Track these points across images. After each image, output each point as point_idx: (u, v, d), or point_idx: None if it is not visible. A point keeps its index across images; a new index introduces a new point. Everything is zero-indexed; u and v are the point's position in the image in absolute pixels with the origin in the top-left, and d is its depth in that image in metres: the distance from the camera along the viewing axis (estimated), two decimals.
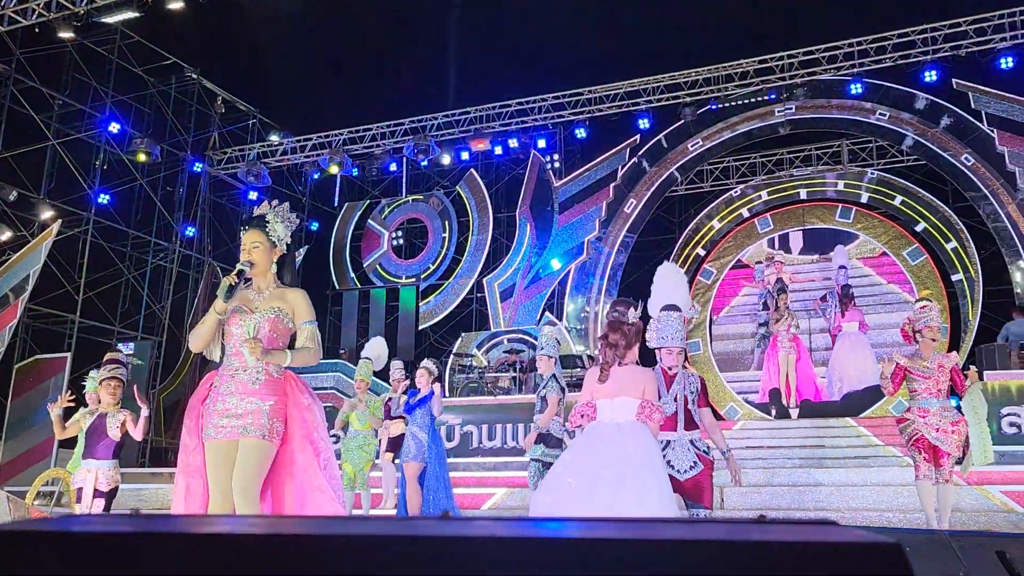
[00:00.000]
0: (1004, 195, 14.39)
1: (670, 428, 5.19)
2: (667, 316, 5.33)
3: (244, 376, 3.97)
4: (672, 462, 5.11)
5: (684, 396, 5.30)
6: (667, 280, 5.67)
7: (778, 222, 17.61)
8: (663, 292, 5.53)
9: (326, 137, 18.03)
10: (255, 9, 13.76)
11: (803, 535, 0.45)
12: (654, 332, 5.38)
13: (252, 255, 4.13)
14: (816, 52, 14.89)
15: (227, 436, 3.90)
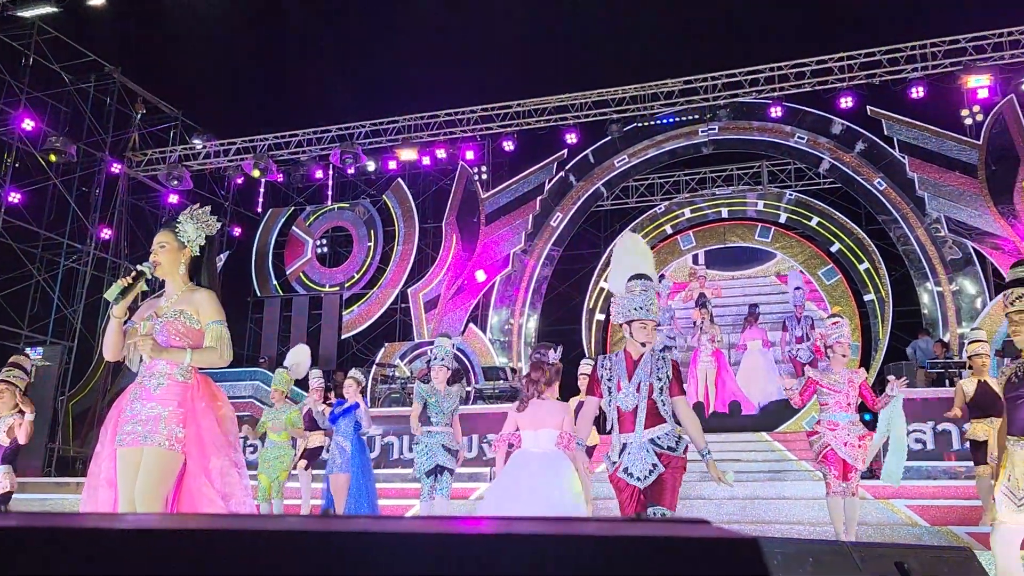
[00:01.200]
0: (913, 219, 14.96)
1: (628, 428, 4.52)
2: (639, 285, 4.63)
3: (149, 382, 3.87)
4: (630, 468, 4.47)
5: (650, 384, 4.52)
6: (632, 251, 4.96)
7: (700, 239, 18.00)
8: (629, 263, 4.80)
9: (251, 141, 17.75)
10: (179, 9, 13.48)
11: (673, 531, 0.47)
12: (621, 306, 4.64)
13: (157, 255, 4.02)
14: (739, 75, 15.28)
15: (131, 443, 3.79)
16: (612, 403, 4.59)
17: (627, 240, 5.15)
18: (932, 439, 10.39)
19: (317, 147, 17.44)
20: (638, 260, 4.83)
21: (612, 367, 4.63)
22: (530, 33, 17.21)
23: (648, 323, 4.59)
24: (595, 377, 4.71)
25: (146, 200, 18.69)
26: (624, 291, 4.64)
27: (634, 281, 4.63)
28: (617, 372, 4.59)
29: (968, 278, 14.53)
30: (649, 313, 4.58)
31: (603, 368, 4.68)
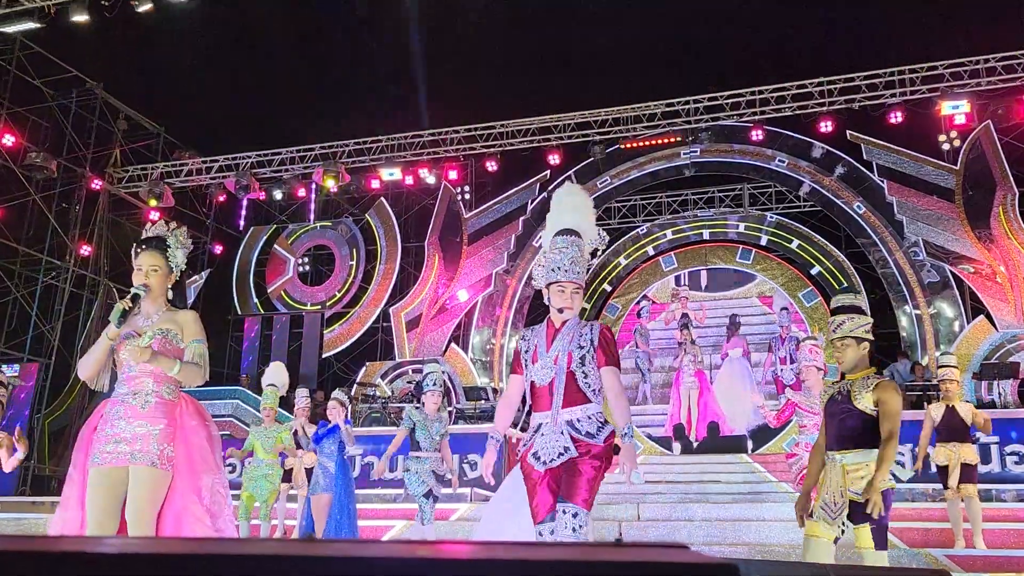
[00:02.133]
0: (892, 243, 15.11)
1: (543, 406, 3.89)
2: (562, 242, 3.99)
3: (134, 400, 3.85)
4: (538, 452, 3.85)
5: (568, 354, 3.87)
6: (567, 202, 4.20)
7: (682, 261, 18.08)
8: (558, 218, 4.13)
9: (233, 159, 17.70)
10: (163, 25, 13.47)
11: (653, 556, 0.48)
12: (542, 266, 4.07)
13: (149, 279, 4.02)
14: (720, 98, 15.41)
15: (113, 462, 3.76)
16: (527, 378, 4.00)
17: (565, 190, 4.27)
18: (910, 462, 10.43)
19: (300, 165, 17.41)
20: (568, 213, 4.11)
21: (531, 339, 4.02)
22: (513, 54, 17.32)
23: (566, 286, 3.90)
24: (516, 352, 4.12)
25: (127, 217, 18.57)
26: (549, 249, 4.02)
27: (559, 237, 3.99)
28: (535, 343, 3.97)
29: (946, 301, 14.67)
30: (568, 274, 3.90)
31: (523, 341, 4.08)
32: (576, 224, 4.04)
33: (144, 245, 4.08)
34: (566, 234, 3.99)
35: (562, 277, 3.92)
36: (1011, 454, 10.20)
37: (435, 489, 7.33)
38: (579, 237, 4.02)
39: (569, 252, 3.93)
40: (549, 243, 4.04)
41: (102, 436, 3.82)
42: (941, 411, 7.85)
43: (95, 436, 3.85)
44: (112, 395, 3.95)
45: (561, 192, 4.23)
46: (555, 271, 3.93)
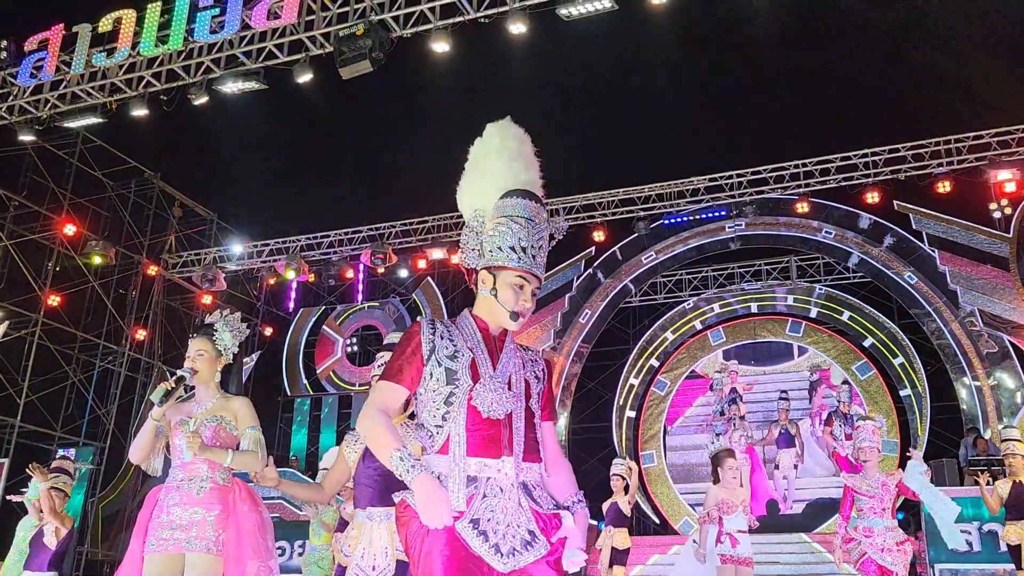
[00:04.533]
0: (947, 313, 14.81)
1: (492, 451, 2.52)
2: (527, 209, 2.72)
3: (189, 486, 3.90)
4: (487, 529, 2.44)
5: (526, 383, 2.71)
6: (515, 148, 2.89)
7: (730, 335, 17.88)
8: (509, 166, 2.83)
9: (283, 243, 18.09)
10: (217, 116, 13.97)
11: None
12: (489, 238, 2.71)
13: (195, 363, 4.12)
14: (764, 172, 15.44)
15: (170, 549, 3.79)
16: (457, 398, 2.55)
17: (500, 130, 2.92)
18: (978, 540, 10.04)
19: (348, 247, 17.73)
20: (524, 168, 2.84)
21: (450, 337, 2.65)
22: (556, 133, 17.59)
23: (531, 280, 2.68)
24: (413, 345, 2.62)
25: (180, 301, 19.01)
26: (493, 213, 2.72)
27: (523, 201, 2.71)
28: (462, 347, 2.63)
29: (1006, 372, 14.26)
30: (537, 263, 2.70)
31: (431, 332, 2.64)
32: (534, 183, 2.82)
33: (194, 333, 4.19)
34: (531, 199, 2.73)
35: (528, 266, 2.65)
36: None
37: None
38: (544, 207, 2.80)
39: (539, 230, 2.70)
40: (500, 205, 2.70)
41: (158, 523, 3.86)
42: (1008, 487, 7.54)
43: (151, 523, 3.88)
44: (167, 481, 3.99)
45: (501, 130, 2.90)
46: (519, 253, 2.64)
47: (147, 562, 3.80)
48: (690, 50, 15.85)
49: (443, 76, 13.65)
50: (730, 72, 16.72)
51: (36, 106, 13.39)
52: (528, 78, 14.69)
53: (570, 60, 15.82)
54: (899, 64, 16.12)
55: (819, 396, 16.49)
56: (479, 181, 2.84)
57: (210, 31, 11.92)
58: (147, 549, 3.82)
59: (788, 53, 15.64)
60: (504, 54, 13.09)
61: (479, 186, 2.83)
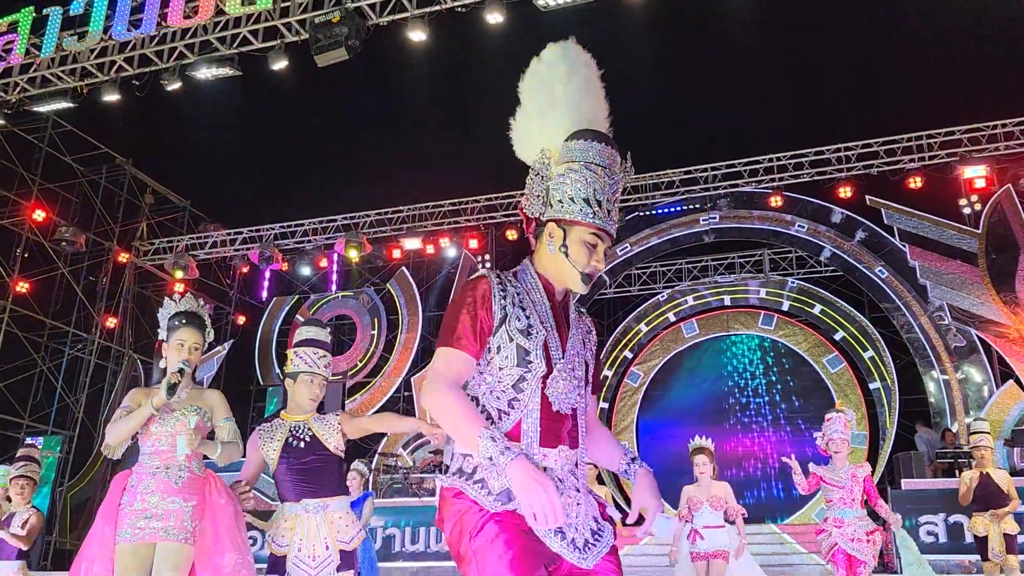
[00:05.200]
0: (916, 307, 14.99)
1: (556, 440, 2.24)
2: (602, 156, 2.35)
3: (166, 475, 3.87)
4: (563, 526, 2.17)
5: (585, 364, 2.39)
6: (587, 82, 2.46)
7: (703, 327, 18.01)
8: (579, 102, 2.42)
9: (256, 231, 17.96)
10: (190, 102, 13.82)
11: None
12: (559, 188, 2.32)
13: (192, 355, 4.09)
14: (738, 165, 15.53)
15: (146, 538, 3.76)
16: (530, 385, 2.22)
17: (562, 52, 2.46)
18: (944, 531, 10.19)
19: (322, 236, 17.64)
20: (593, 106, 2.46)
21: (524, 301, 2.29)
22: None
23: (605, 239, 2.32)
24: (484, 307, 2.23)
25: (152, 289, 18.82)
26: (561, 155, 2.35)
27: (591, 143, 2.33)
28: (536, 322, 2.26)
29: (974, 366, 14.47)
30: (611, 219, 2.34)
31: (502, 294, 2.26)
32: (606, 128, 2.46)
33: (186, 320, 4.11)
34: (607, 143, 2.36)
35: (603, 222, 2.29)
36: None
37: None
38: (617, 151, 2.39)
39: (615, 180, 2.35)
40: (570, 147, 2.33)
41: (131, 511, 3.81)
42: (976, 477, 7.64)
43: (122, 510, 3.84)
44: (137, 467, 3.95)
45: (568, 53, 2.46)
46: (594, 206, 2.28)
47: (120, 551, 3.76)
48: (666, 42, 15.88)
49: (419, 65, 13.59)
50: (706, 65, 16.77)
51: (5, 89, 13.18)
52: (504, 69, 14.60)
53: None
54: (873, 60, 16.24)
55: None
56: (544, 114, 2.40)
57: (183, 16, 11.79)
58: (120, 538, 3.78)
59: (764, 47, 15.71)
60: (480, 44, 13.05)
61: (544, 120, 2.40)
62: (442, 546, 11.69)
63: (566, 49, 2.47)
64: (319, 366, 4.33)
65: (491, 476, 2.15)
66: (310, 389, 4.26)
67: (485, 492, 2.15)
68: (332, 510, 4.14)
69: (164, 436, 3.92)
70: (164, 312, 4.16)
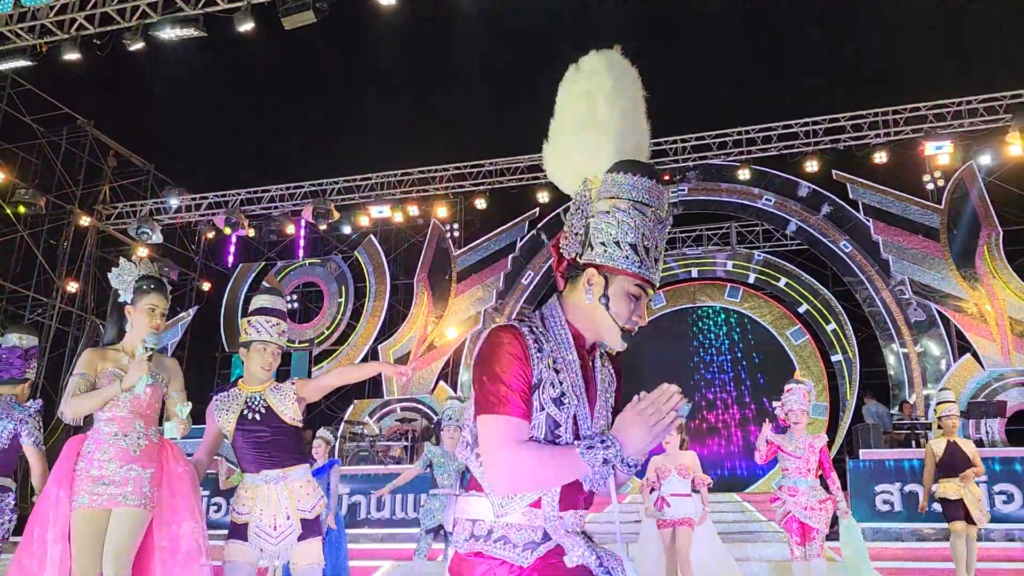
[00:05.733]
0: (879, 281, 15.20)
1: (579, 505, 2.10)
2: (652, 196, 2.04)
3: (125, 442, 3.83)
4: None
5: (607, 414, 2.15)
6: (632, 101, 2.20)
7: (670, 299, 18.12)
8: (624, 126, 2.15)
9: (223, 197, 17.74)
10: (154, 64, 13.56)
11: None
12: (609, 230, 2.02)
13: (159, 321, 4.04)
14: (707, 138, 15.58)
15: (103, 504, 3.73)
16: (568, 431, 1.99)
17: (606, 63, 2.23)
18: (900, 500, 10.42)
19: (289, 203, 17.47)
20: (635, 117, 2.20)
21: (558, 362, 2.01)
22: (503, 93, 17.49)
23: (650, 291, 2.05)
24: (524, 372, 1.94)
25: (114, 254, 18.55)
26: (603, 189, 2.06)
27: (641, 179, 2.03)
28: (569, 375, 2.01)
29: (932, 340, 14.73)
30: (656, 269, 2.05)
31: (538, 356, 1.98)
32: (644, 151, 2.19)
33: (154, 284, 4.05)
34: (656, 179, 2.07)
35: (650, 272, 2.02)
36: (1000, 493, 10.19)
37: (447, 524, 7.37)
38: (654, 177, 2.07)
39: (664, 224, 2.06)
40: (616, 180, 2.03)
41: (88, 477, 3.78)
42: (943, 446, 7.79)
43: (77, 476, 3.80)
44: (92, 432, 3.91)
45: (614, 65, 2.22)
46: (642, 254, 2.00)
47: (77, 516, 3.73)
48: (638, 13, 15.84)
49: (390, 29, 13.44)
50: (677, 37, 16.76)
51: None
52: (477, 36, 14.53)
53: (520, 18, 15.69)
54: (843, 36, 16.32)
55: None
56: (584, 137, 2.10)
57: None
58: (77, 503, 3.74)
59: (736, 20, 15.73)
60: (451, 9, 12.92)
61: (584, 144, 2.10)
62: (407, 513, 11.75)
63: (611, 60, 2.21)
64: (272, 335, 4.20)
65: (511, 532, 1.95)
66: (262, 358, 4.16)
67: (510, 547, 1.95)
68: (292, 479, 4.10)
69: (123, 403, 3.88)
70: (124, 274, 4.07)
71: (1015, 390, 13.53)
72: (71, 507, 3.75)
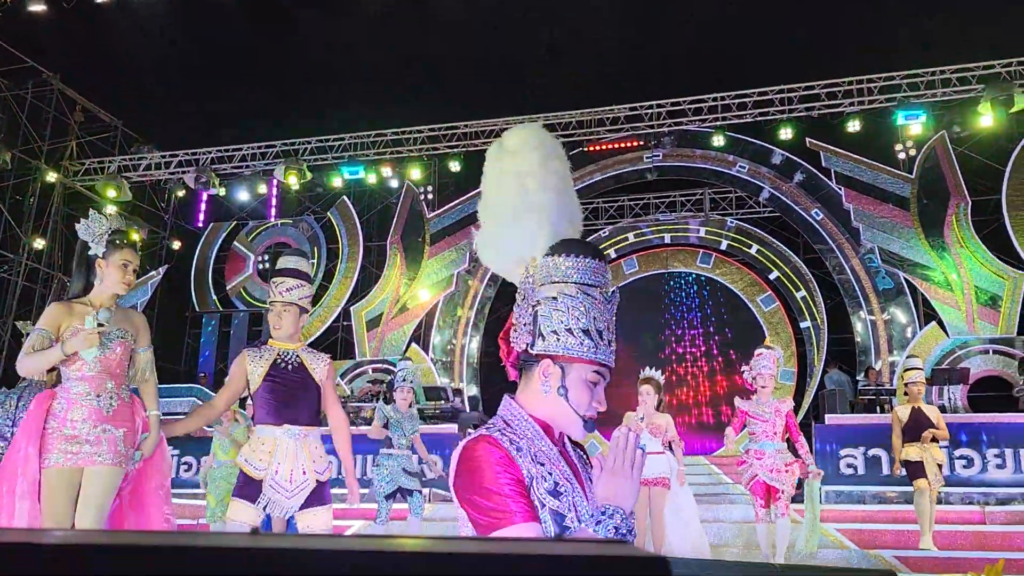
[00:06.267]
0: (849, 249, 15.36)
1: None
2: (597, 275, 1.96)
3: (97, 402, 3.80)
4: None
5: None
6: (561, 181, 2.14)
7: (644, 264, 18.22)
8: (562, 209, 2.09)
9: (193, 155, 17.50)
10: (123, 17, 13.28)
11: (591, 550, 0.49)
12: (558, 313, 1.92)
13: (131, 276, 3.99)
14: (683, 103, 15.56)
15: (78, 463, 3.72)
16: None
17: (534, 139, 2.20)
18: (863, 464, 10.62)
19: (261, 162, 17.26)
20: (568, 195, 2.16)
21: (537, 454, 1.87)
22: (478, 56, 17.33)
23: (607, 376, 1.97)
24: (516, 476, 1.80)
25: (82, 211, 18.22)
26: (544, 273, 1.98)
27: (586, 259, 1.96)
28: (553, 464, 1.89)
29: (900, 308, 14.95)
30: (611, 351, 1.97)
31: (517, 454, 1.83)
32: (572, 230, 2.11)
33: (127, 240, 4.00)
34: (600, 258, 2.01)
35: (606, 357, 1.95)
36: (960, 458, 10.42)
37: (411, 484, 7.42)
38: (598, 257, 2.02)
39: (613, 303, 2.00)
40: (559, 264, 1.96)
41: (60, 436, 3.75)
42: (908, 412, 7.96)
43: (48, 434, 3.77)
44: (61, 391, 3.86)
45: (541, 141, 2.19)
46: (595, 338, 1.92)
47: (48, 474, 3.71)
48: None
49: None
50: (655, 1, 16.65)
51: None
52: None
53: None
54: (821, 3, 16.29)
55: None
56: (518, 218, 2.04)
57: None
58: (49, 462, 3.72)
59: None
60: None
61: (520, 227, 2.03)
62: None
63: (536, 135, 2.16)
64: (275, 294, 4.40)
65: None
66: (273, 318, 4.34)
67: None
68: (311, 439, 4.21)
69: (92, 363, 3.83)
70: (94, 226, 4.01)
71: (978, 357, 13.79)
72: (41, 464, 3.72)
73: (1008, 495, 9.98)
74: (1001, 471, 10.28)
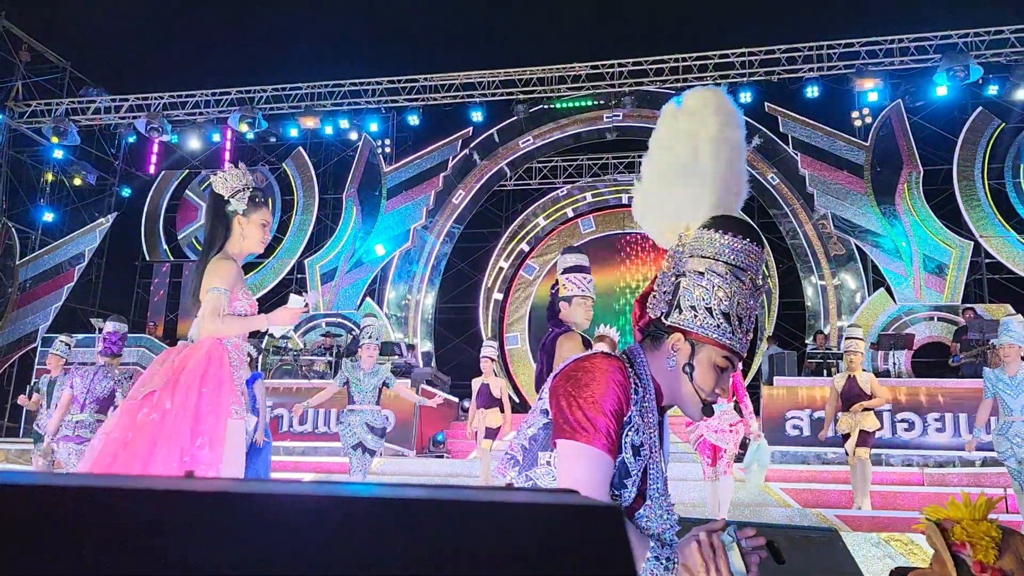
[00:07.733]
0: (803, 214, 15.55)
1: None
2: (750, 259, 1.79)
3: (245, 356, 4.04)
4: None
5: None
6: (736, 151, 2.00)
7: (600, 224, 18.28)
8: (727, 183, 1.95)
9: (145, 99, 17.06)
10: None
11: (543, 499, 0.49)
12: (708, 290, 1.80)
13: (268, 237, 4.06)
14: (644, 64, 15.51)
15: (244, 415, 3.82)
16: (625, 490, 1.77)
17: (714, 104, 2.02)
18: (808, 425, 10.87)
19: (215, 109, 16.90)
20: (739, 167, 2.01)
21: (644, 411, 1.79)
22: (440, 6, 17.08)
23: (737, 364, 1.89)
24: (620, 407, 1.71)
25: (28, 154, 17.78)
26: (695, 244, 1.86)
27: (742, 241, 1.84)
28: (648, 428, 1.79)
29: (850, 273, 15.21)
30: (748, 339, 1.87)
31: (635, 398, 1.76)
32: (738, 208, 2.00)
33: (264, 198, 3.95)
34: (758, 242, 1.89)
35: (741, 346, 1.83)
36: (901, 421, 10.71)
37: (371, 443, 7.42)
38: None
39: (758, 292, 1.87)
40: (713, 240, 1.84)
41: (239, 390, 3.84)
42: (843, 381, 8.14)
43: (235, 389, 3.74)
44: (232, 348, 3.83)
45: (722, 108, 2.01)
46: (735, 325, 1.81)
47: (234, 426, 3.67)
48: None
49: None
50: None
51: None
52: None
53: None
54: None
55: None
56: (685, 184, 1.92)
57: None
58: (235, 413, 3.69)
59: None
60: None
61: (684, 193, 1.91)
62: (330, 427, 11.82)
63: (717, 101, 2.00)
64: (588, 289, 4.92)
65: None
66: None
67: None
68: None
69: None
70: (233, 181, 3.83)
71: (923, 324, 14.12)
72: (230, 414, 3.66)
73: (946, 458, 10.29)
74: (940, 435, 10.60)
